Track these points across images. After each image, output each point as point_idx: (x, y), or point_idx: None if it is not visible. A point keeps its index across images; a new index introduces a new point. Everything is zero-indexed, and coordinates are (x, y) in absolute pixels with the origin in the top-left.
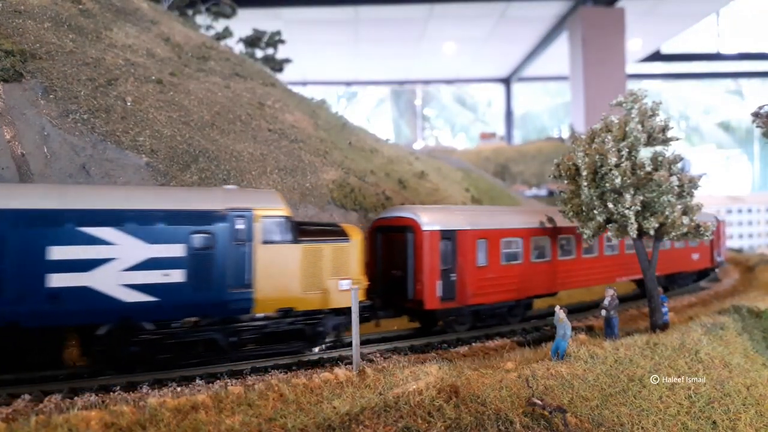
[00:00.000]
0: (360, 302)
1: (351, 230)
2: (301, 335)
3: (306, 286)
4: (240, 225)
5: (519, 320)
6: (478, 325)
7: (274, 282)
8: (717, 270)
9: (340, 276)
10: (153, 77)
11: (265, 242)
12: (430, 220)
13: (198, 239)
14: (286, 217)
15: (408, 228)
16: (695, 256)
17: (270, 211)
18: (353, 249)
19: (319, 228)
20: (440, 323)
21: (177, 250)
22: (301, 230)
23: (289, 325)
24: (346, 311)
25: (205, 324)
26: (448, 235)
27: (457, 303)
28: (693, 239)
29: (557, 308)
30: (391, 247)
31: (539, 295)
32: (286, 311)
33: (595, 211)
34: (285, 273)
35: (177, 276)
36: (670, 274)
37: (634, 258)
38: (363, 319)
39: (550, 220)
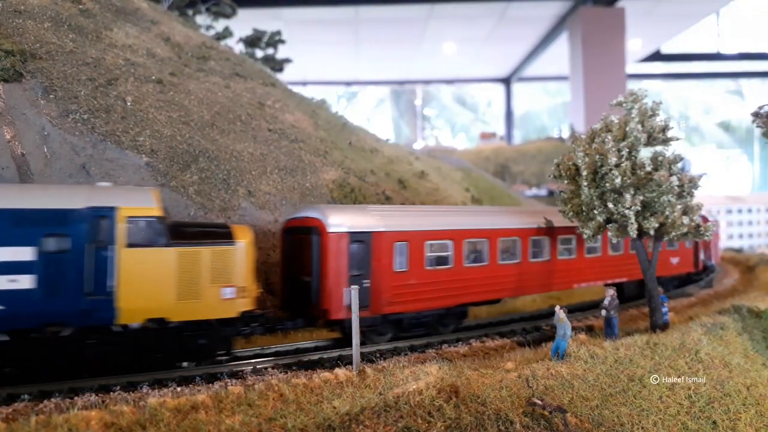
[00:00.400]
0: (247, 312)
1: (239, 231)
2: (182, 348)
3: (181, 295)
4: (101, 226)
5: (452, 330)
6: (402, 335)
7: (142, 289)
8: (712, 275)
9: (224, 283)
10: (153, 77)
11: (132, 245)
12: (338, 221)
13: (51, 242)
14: (158, 218)
15: (314, 229)
16: (674, 260)
17: (138, 210)
18: (239, 252)
19: (199, 230)
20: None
21: (26, 254)
22: (177, 232)
23: (157, 337)
24: (232, 322)
25: (59, 336)
26: (360, 238)
27: (371, 312)
28: (693, 239)
29: (557, 308)
30: (300, 251)
31: (477, 302)
32: (158, 322)
33: (595, 211)
34: (155, 279)
35: (26, 282)
36: (642, 279)
37: (596, 262)
38: (255, 331)
39: (548, 222)
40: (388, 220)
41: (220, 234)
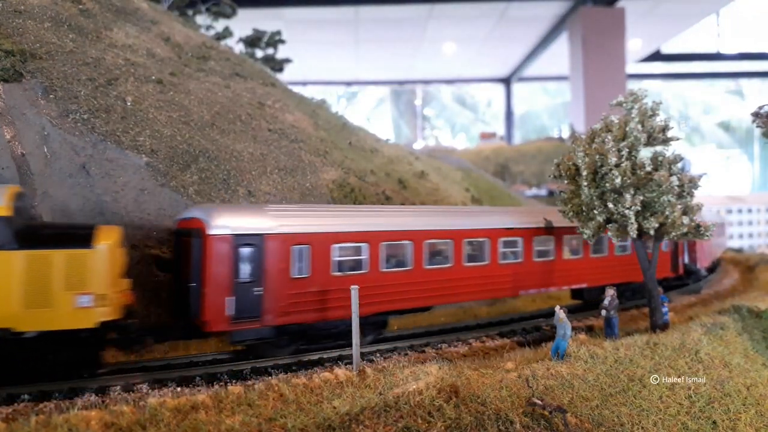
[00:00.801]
0: (109, 322)
1: (103, 234)
2: (38, 362)
3: (29, 302)
4: None
5: (371, 341)
6: (312, 347)
7: None
8: (701, 282)
9: (79, 290)
10: (153, 77)
11: None
12: (222, 222)
13: None
14: (5, 218)
15: (195, 231)
16: None
17: None
18: (99, 257)
19: (56, 232)
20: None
21: None
22: (29, 234)
23: (3, 349)
24: (98, 333)
25: None
26: (250, 241)
27: (264, 323)
28: (693, 239)
29: (557, 308)
30: (185, 255)
31: (400, 310)
32: (5, 332)
33: (595, 211)
34: None
35: None
36: (606, 285)
37: (549, 267)
38: (137, 341)
39: (550, 222)
40: (285, 221)
41: (78, 236)
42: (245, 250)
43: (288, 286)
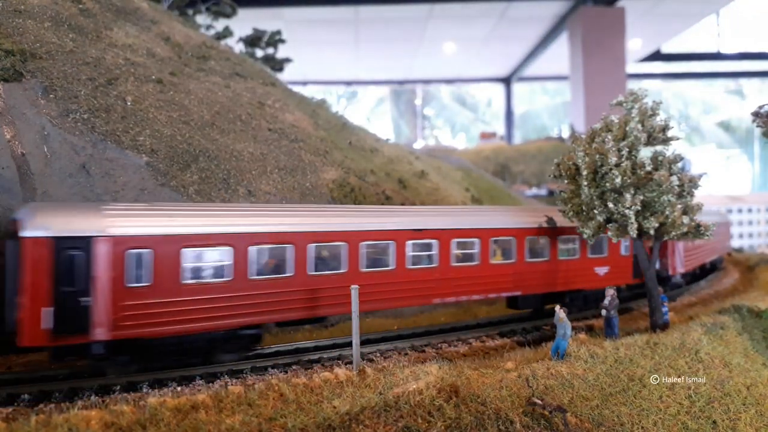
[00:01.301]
0: None
1: None
2: None
3: None
4: None
5: (241, 356)
6: (170, 364)
7: None
8: (683, 288)
9: None
10: (153, 77)
11: None
12: (42, 222)
13: None
14: None
15: (14, 233)
16: (601, 270)
17: None
18: None
19: None
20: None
21: None
22: None
23: None
24: None
25: None
26: (74, 244)
27: (93, 337)
28: (693, 239)
29: (557, 308)
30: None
31: (279, 322)
32: None
33: (595, 211)
34: None
35: None
36: (558, 292)
37: (471, 272)
38: None
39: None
40: (119, 222)
41: None
42: (69, 255)
43: (122, 296)
